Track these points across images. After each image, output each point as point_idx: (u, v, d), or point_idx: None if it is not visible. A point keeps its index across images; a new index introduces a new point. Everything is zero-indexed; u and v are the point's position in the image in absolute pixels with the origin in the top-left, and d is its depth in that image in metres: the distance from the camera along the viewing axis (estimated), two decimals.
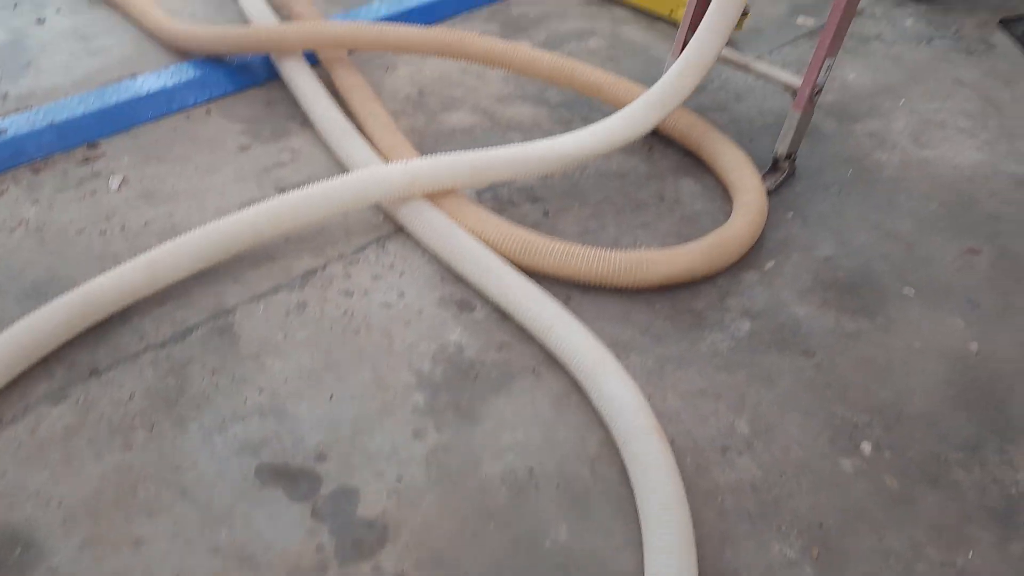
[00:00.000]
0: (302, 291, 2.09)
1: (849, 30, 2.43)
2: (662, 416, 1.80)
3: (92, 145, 2.55)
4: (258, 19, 3.07)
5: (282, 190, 2.42)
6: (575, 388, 1.86)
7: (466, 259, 2.09)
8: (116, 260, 2.11)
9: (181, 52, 3.00)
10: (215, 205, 2.35)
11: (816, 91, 2.39)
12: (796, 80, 2.41)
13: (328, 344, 1.96)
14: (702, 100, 2.90)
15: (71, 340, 1.91)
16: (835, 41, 2.32)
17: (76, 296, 1.89)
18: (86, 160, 2.49)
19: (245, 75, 2.91)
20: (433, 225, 2.17)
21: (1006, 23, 3.41)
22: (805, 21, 3.46)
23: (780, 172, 2.51)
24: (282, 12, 3.17)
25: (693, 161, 2.59)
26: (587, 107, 2.84)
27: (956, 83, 3.04)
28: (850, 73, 3.08)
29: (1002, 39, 3.33)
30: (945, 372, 1.95)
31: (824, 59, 2.33)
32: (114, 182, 2.41)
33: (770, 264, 2.23)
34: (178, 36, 2.97)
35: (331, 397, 1.84)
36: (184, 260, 2.00)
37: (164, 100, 2.73)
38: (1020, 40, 3.28)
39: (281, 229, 2.11)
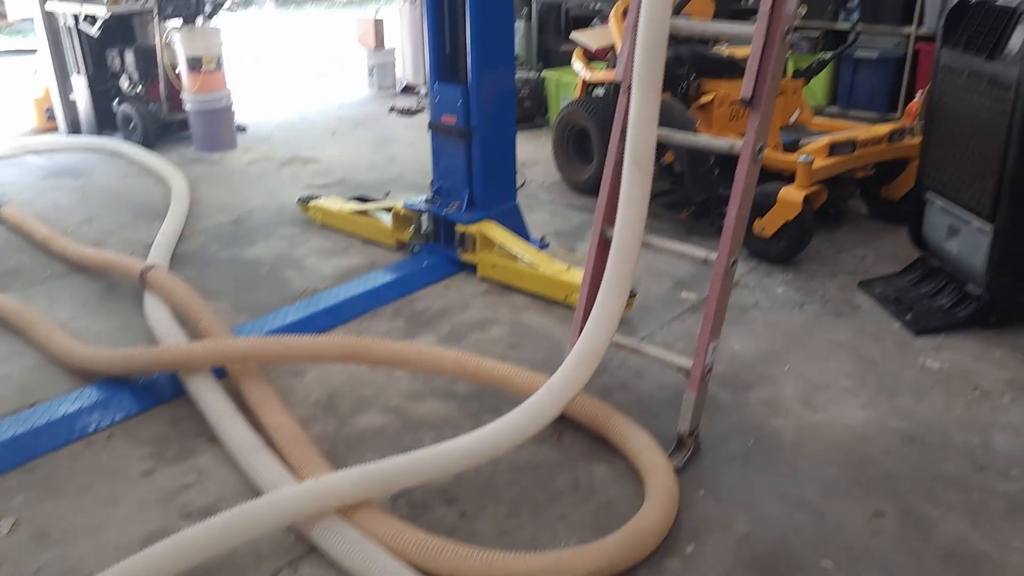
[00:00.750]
0: None
1: (729, 301, 2.63)
2: None
3: None
4: (166, 336, 3.12)
5: (188, 516, 2.33)
6: None
7: None
8: None
9: (85, 374, 3.00)
10: (115, 541, 2.24)
11: (707, 371, 2.55)
12: (687, 362, 2.56)
13: None
14: (605, 379, 3.02)
15: None
16: (716, 326, 2.51)
17: None
18: None
19: (151, 394, 2.90)
20: (348, 543, 2.11)
21: (864, 285, 3.78)
22: (688, 295, 3.75)
23: (685, 449, 2.58)
24: (188, 326, 3.24)
25: (602, 444, 2.65)
26: (495, 397, 2.91)
27: (832, 345, 3.29)
28: (736, 343, 3.30)
29: (864, 299, 3.67)
30: None
31: (709, 343, 2.51)
32: (4, 525, 2.28)
33: (690, 548, 2.23)
34: (83, 360, 2.98)
35: None
36: None
37: (64, 429, 2.68)
38: (879, 300, 3.62)
39: (185, 567, 2.00)
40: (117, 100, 6.49)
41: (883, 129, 4.37)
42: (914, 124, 4.85)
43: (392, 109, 7.73)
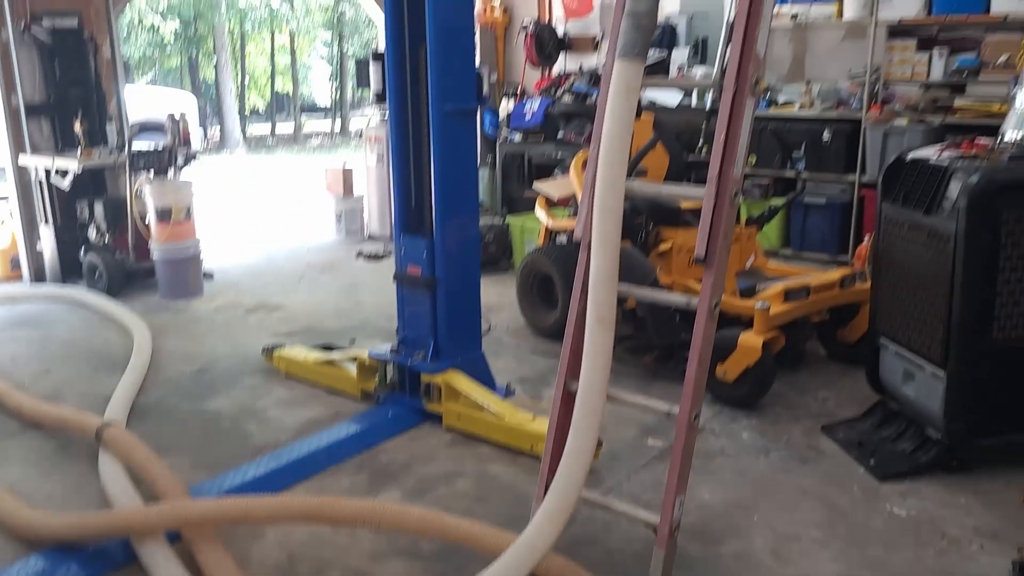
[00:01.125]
0: None
1: (695, 448, 2.62)
2: None
3: None
4: (120, 498, 3.02)
5: None
6: None
7: None
8: None
9: (32, 541, 2.87)
10: None
11: (675, 527, 2.52)
12: (654, 518, 2.53)
13: None
14: (575, 532, 2.95)
15: None
16: (682, 480, 2.50)
17: None
18: None
19: (100, 561, 2.78)
20: None
21: (828, 429, 3.81)
22: (655, 442, 3.74)
23: None
24: (143, 485, 3.14)
25: None
26: (461, 556, 2.83)
27: (800, 492, 3.28)
28: (704, 492, 3.28)
29: (828, 444, 3.69)
30: None
31: (675, 498, 2.49)
32: None
33: None
34: (30, 525, 2.86)
35: None
36: None
37: None
38: (843, 444, 3.65)
39: None
40: (84, 250, 6.52)
41: (835, 275, 4.53)
42: (864, 268, 5.05)
43: (359, 254, 7.85)
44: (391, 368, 4.12)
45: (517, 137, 8.44)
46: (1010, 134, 3.49)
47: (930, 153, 3.54)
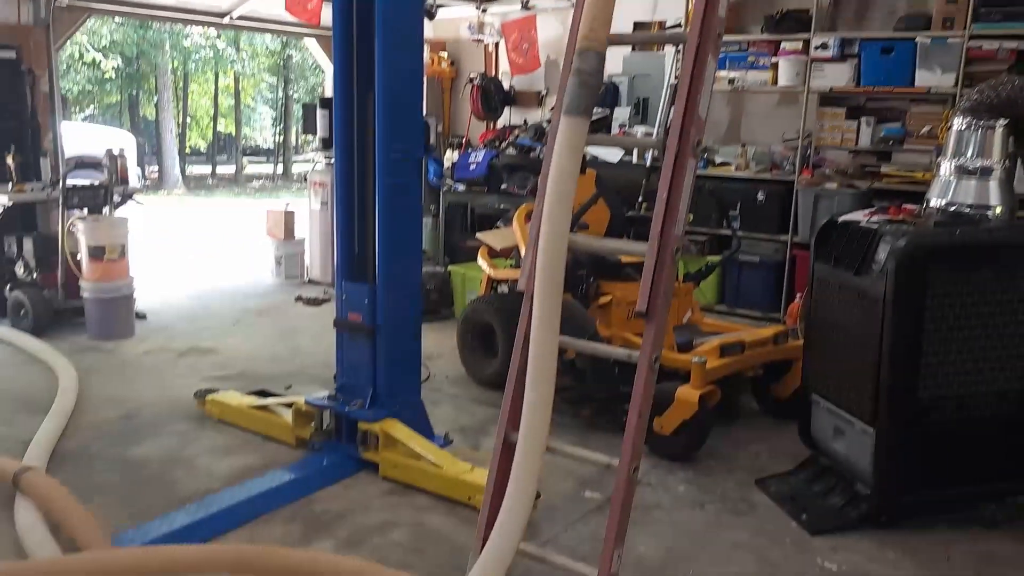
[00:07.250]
0: None
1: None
2: None
3: None
4: (37, 547, 2.88)
5: None
6: None
7: None
8: None
9: None
10: None
11: None
12: (592, 571, 2.53)
13: None
14: None
15: None
16: (620, 533, 2.51)
17: None
18: None
19: None
20: None
21: (760, 483, 3.87)
22: (593, 495, 3.74)
23: None
24: (62, 534, 3.00)
25: None
26: None
27: (734, 546, 3.31)
28: (641, 546, 3.28)
29: (761, 498, 3.74)
30: None
31: (613, 551, 2.49)
32: None
33: None
34: None
35: None
36: None
37: None
38: (775, 498, 3.70)
39: None
40: (9, 286, 6.30)
41: (769, 332, 4.64)
42: (796, 326, 5.19)
43: (298, 299, 7.75)
44: (328, 415, 4.06)
45: (461, 187, 8.50)
46: (934, 201, 3.66)
47: (860, 216, 3.69)
